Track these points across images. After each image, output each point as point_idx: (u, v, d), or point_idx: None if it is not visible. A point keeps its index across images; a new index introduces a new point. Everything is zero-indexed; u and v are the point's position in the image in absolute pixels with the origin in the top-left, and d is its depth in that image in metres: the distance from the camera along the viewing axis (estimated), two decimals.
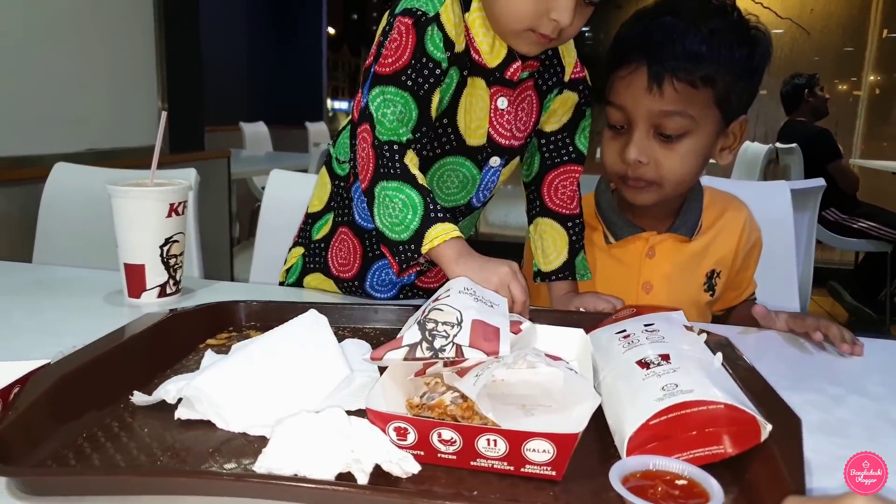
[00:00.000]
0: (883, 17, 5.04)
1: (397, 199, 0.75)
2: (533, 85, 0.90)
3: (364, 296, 0.99)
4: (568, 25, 0.77)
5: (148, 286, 0.89)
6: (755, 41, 0.88)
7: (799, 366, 0.78)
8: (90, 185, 1.36)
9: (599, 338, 0.68)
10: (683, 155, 0.88)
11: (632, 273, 0.98)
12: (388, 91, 0.77)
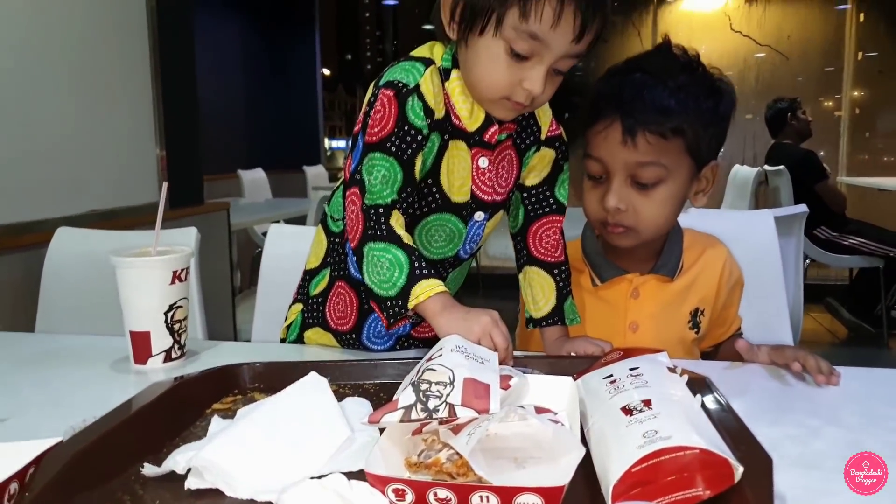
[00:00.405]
0: (857, 40, 5.17)
1: (384, 258, 0.81)
2: (512, 144, 0.96)
3: (361, 348, 1.03)
4: (540, 94, 0.84)
5: (154, 352, 0.92)
6: (720, 92, 0.94)
7: (780, 398, 0.81)
8: (93, 249, 1.40)
9: (589, 383, 0.72)
10: (659, 201, 0.94)
11: (618, 313, 1.03)
12: (375, 157, 0.84)
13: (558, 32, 0.80)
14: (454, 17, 0.86)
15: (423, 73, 0.85)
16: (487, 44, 0.83)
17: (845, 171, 5.19)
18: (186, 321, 0.96)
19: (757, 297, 1.44)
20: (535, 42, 0.80)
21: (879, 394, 0.81)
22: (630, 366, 0.72)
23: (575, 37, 0.81)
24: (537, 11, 0.78)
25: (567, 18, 0.79)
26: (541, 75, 0.82)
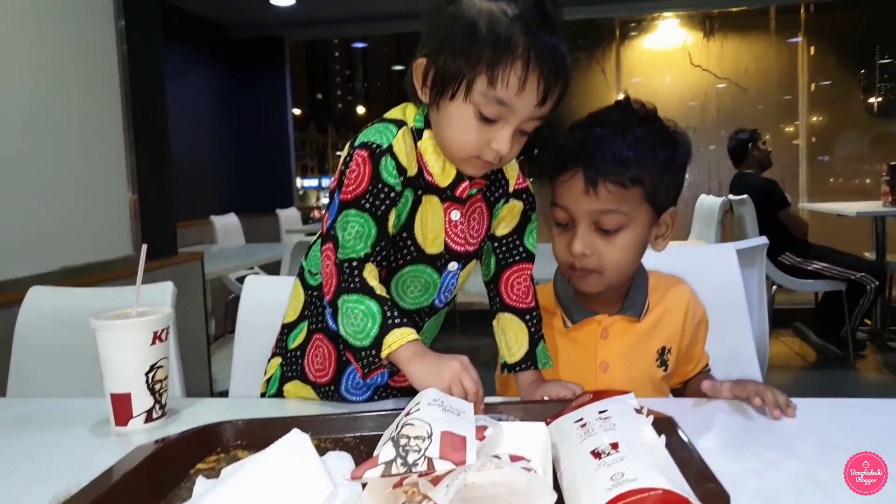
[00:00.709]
0: (810, 72, 5.39)
1: (357, 309, 0.85)
2: (482, 197, 1.02)
3: (340, 400, 1.05)
4: (507, 153, 0.89)
5: (134, 413, 0.93)
6: (676, 143, 1.01)
7: (741, 433, 0.85)
8: (67, 308, 1.40)
9: (561, 427, 0.75)
10: (622, 246, 0.99)
11: (589, 353, 1.07)
12: (349, 214, 0.88)
13: (523, 98, 0.86)
14: (426, 82, 0.91)
15: (396, 134, 0.90)
16: (458, 107, 0.88)
17: (806, 196, 5.35)
18: (167, 380, 0.97)
19: (723, 328, 1.49)
20: (502, 107, 0.86)
21: (834, 423, 0.85)
22: (599, 408, 0.75)
23: (539, 101, 0.87)
24: (504, 79, 0.84)
25: (531, 85, 0.85)
26: (508, 136, 0.88)
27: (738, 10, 5.37)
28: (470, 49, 0.85)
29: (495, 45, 0.84)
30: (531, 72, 0.84)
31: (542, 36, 0.85)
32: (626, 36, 5.60)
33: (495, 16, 0.85)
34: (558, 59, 0.86)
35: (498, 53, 0.84)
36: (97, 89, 2.20)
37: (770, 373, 3.76)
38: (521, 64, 0.84)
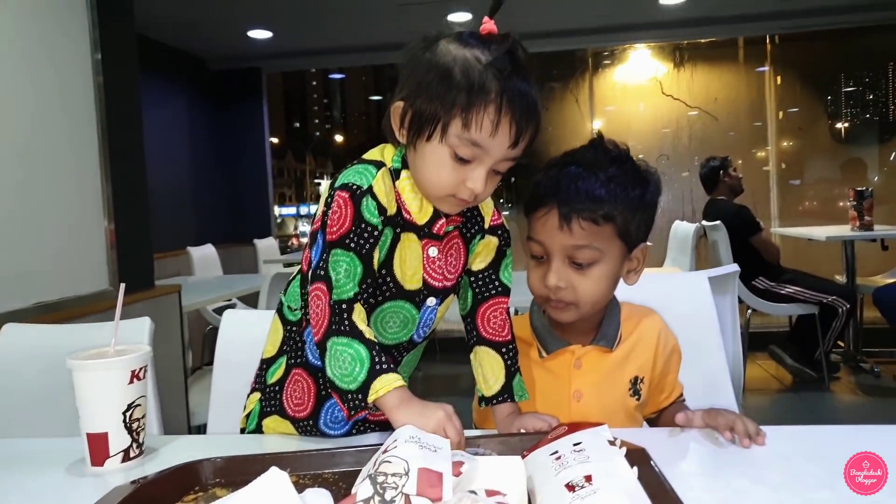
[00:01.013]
0: (777, 100, 5.54)
1: (346, 353, 0.86)
2: (458, 234, 1.05)
3: (318, 434, 1.05)
4: (482, 192, 0.93)
5: (111, 453, 0.92)
6: (646, 181, 1.05)
7: (713, 462, 0.87)
8: (43, 346, 1.38)
9: (537, 459, 0.77)
10: (595, 279, 1.03)
11: (563, 383, 1.09)
12: (337, 253, 0.91)
13: (496, 140, 0.89)
14: (403, 124, 0.95)
15: (376, 175, 0.94)
16: (434, 149, 0.92)
17: (778, 221, 5.46)
18: (145, 419, 0.97)
19: (697, 354, 1.52)
20: (476, 148, 0.90)
21: (802, 451, 0.88)
22: (574, 441, 0.77)
23: (511, 143, 0.90)
24: (478, 122, 0.88)
25: (504, 128, 0.89)
26: (482, 176, 0.92)
27: (706, 42, 5.52)
28: (445, 94, 0.89)
29: (469, 90, 0.88)
30: (504, 115, 0.88)
31: (514, 82, 0.89)
32: (598, 66, 5.72)
33: (469, 63, 0.89)
34: (529, 103, 0.90)
35: (472, 98, 0.87)
36: (73, 121, 2.20)
37: (747, 396, 3.83)
38: (493, 108, 0.88)
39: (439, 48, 0.92)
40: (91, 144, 2.26)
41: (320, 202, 0.98)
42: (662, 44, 5.54)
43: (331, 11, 4.48)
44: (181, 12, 4.34)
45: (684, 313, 1.55)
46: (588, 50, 5.63)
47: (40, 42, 2.07)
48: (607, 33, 5.28)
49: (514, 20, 3.04)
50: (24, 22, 2.01)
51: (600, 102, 5.70)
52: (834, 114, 5.59)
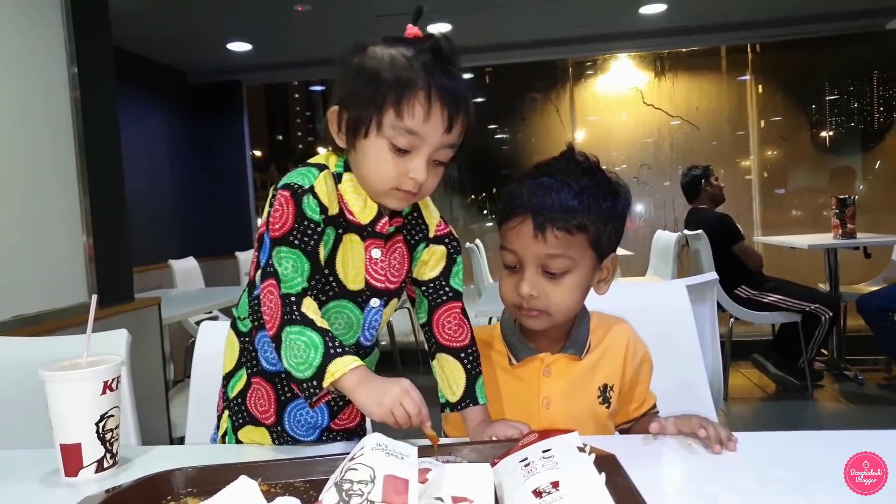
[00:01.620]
0: (759, 109, 5.60)
1: (300, 341, 0.88)
2: (402, 239, 1.08)
3: (290, 439, 1.07)
4: (425, 181, 0.97)
5: (85, 463, 0.92)
6: (617, 193, 1.07)
7: (683, 468, 0.88)
8: (22, 359, 1.38)
9: (506, 467, 0.78)
10: (567, 288, 1.04)
11: (532, 390, 1.10)
12: (282, 250, 0.93)
13: (430, 126, 0.94)
14: (341, 127, 0.99)
15: (318, 176, 0.97)
16: (372, 144, 0.96)
17: (760, 230, 5.51)
18: (118, 429, 0.97)
19: (675, 362, 1.53)
20: (412, 136, 0.94)
21: (772, 456, 0.89)
22: (543, 448, 0.78)
23: (445, 128, 0.95)
24: (410, 110, 0.93)
25: (435, 113, 0.93)
26: (422, 165, 0.96)
27: (687, 51, 5.58)
28: (377, 90, 0.94)
29: (398, 82, 0.93)
30: (433, 101, 0.93)
31: (440, 71, 0.94)
32: (579, 76, 5.76)
33: (396, 59, 0.95)
34: (457, 90, 0.95)
35: (402, 89, 0.93)
36: (50, 136, 2.20)
37: (730, 404, 3.86)
38: (423, 94, 0.93)
39: (368, 52, 0.98)
40: (69, 158, 2.26)
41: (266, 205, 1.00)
42: (643, 53, 5.60)
43: (309, 23, 4.50)
44: (160, 25, 4.34)
45: (663, 321, 1.57)
46: (569, 60, 5.67)
47: (17, 57, 2.07)
48: (588, 43, 5.33)
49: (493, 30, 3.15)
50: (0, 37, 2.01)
51: (581, 112, 5.74)
52: (817, 122, 5.64)
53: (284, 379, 1.05)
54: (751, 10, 4.80)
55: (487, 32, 5.03)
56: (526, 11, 4.52)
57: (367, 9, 4.33)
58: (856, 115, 5.61)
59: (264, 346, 1.04)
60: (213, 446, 1.10)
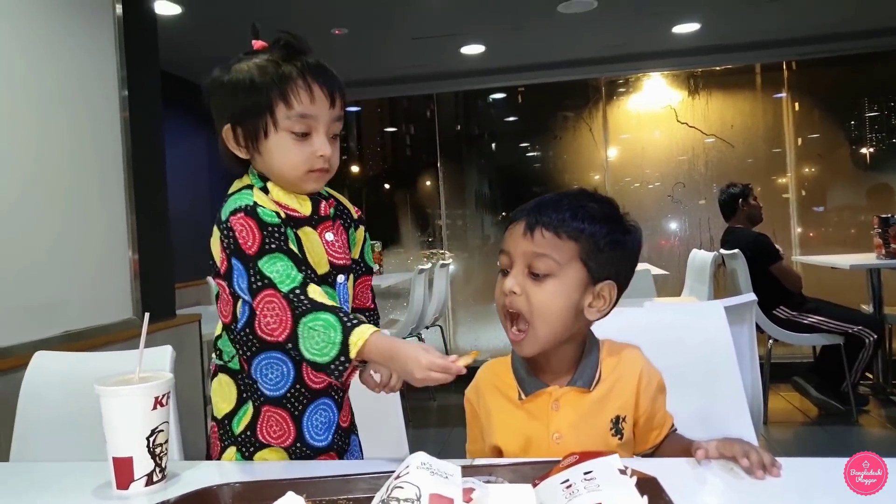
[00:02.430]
0: (795, 126, 5.53)
1: (317, 325, 0.94)
2: (341, 223, 1.19)
3: (307, 451, 1.11)
4: (331, 155, 1.08)
5: (136, 477, 0.95)
6: (617, 222, 1.08)
7: (725, 493, 0.87)
8: (71, 373, 1.43)
9: (547, 488, 0.78)
10: (549, 292, 1.04)
11: (542, 425, 1.09)
12: (264, 260, 0.99)
13: (317, 105, 1.06)
14: (239, 142, 1.10)
15: (252, 194, 1.06)
16: (274, 140, 1.06)
17: (798, 250, 5.41)
18: (167, 444, 1.00)
19: (714, 385, 1.52)
20: (307, 119, 1.06)
21: (817, 483, 0.88)
22: (585, 469, 0.78)
23: (330, 102, 1.07)
24: (296, 97, 1.05)
25: (318, 92, 1.06)
26: (324, 141, 1.08)
27: (721, 69, 5.54)
28: (260, 94, 1.05)
29: (276, 80, 1.05)
30: (312, 83, 1.05)
31: (302, 59, 1.06)
32: (612, 95, 5.75)
33: (262, 65, 1.07)
34: (325, 68, 1.08)
35: (281, 84, 1.04)
36: (100, 155, 2.28)
37: (770, 428, 3.77)
38: (301, 81, 1.05)
39: (233, 69, 1.09)
40: (117, 177, 2.33)
41: (216, 249, 1.08)
42: (676, 72, 5.58)
43: (346, 46, 4.58)
44: (203, 51, 4.46)
45: (700, 343, 1.55)
46: (601, 79, 5.67)
47: (72, 80, 2.16)
48: (621, 62, 5.34)
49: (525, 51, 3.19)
50: (56, 62, 2.10)
51: (615, 131, 5.73)
52: (856, 139, 5.53)
53: (291, 397, 1.10)
54: (785, 28, 4.76)
55: (519, 53, 5.07)
56: (558, 32, 4.55)
57: (402, 32, 4.41)
58: None
59: (261, 372, 1.10)
60: (257, 463, 1.12)
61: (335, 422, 1.14)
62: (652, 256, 5.53)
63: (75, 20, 2.19)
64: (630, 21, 4.44)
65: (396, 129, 6.59)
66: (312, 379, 1.11)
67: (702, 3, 4.25)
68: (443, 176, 5.94)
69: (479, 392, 1.17)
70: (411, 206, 6.17)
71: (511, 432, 1.09)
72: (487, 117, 6.27)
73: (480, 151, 6.17)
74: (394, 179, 6.35)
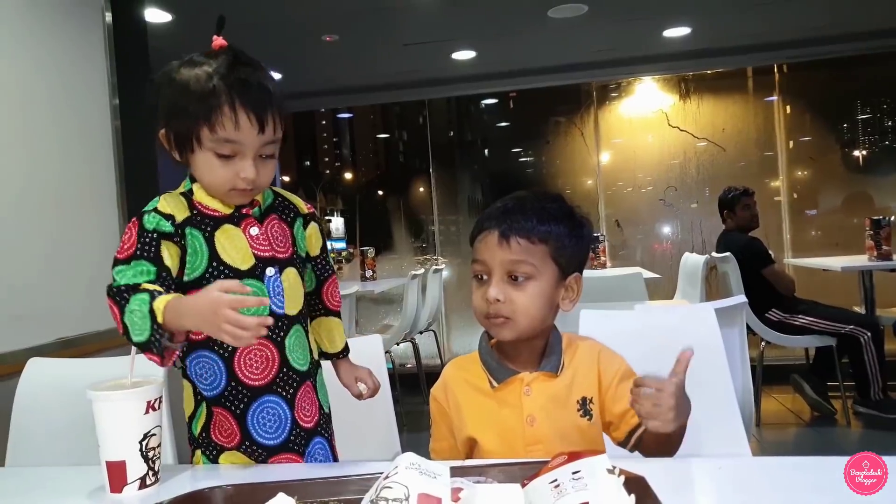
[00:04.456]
0: (787, 130, 5.56)
1: (133, 307, 0.96)
2: (277, 217, 1.17)
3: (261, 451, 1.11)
4: (257, 177, 1.07)
5: (129, 480, 0.96)
6: (579, 220, 1.18)
7: (712, 492, 0.89)
8: (65, 379, 1.43)
9: (536, 488, 0.79)
10: (531, 295, 1.12)
11: (515, 410, 1.15)
12: (123, 268, 1.02)
13: (243, 132, 1.04)
14: (171, 145, 1.10)
15: (159, 199, 1.10)
16: (199, 156, 1.07)
17: (790, 252, 5.44)
18: (160, 447, 1.01)
19: (704, 387, 1.52)
20: (231, 144, 1.04)
21: (805, 480, 0.88)
22: (573, 469, 0.79)
23: (258, 130, 1.04)
24: (220, 123, 1.03)
25: (243, 120, 1.03)
26: (248, 165, 1.06)
27: (712, 73, 5.58)
28: (187, 108, 1.04)
29: (202, 100, 1.03)
30: (238, 111, 1.03)
31: (238, 81, 1.03)
32: (603, 100, 5.77)
33: (198, 77, 1.05)
34: (260, 92, 1.05)
35: (207, 105, 1.03)
36: (91, 163, 2.29)
37: (763, 430, 3.78)
38: (227, 107, 1.02)
39: (177, 74, 1.07)
40: (110, 185, 2.34)
41: None
42: (668, 76, 5.60)
43: (337, 53, 4.60)
44: None
45: (691, 345, 1.57)
46: (593, 84, 5.70)
47: (62, 88, 2.16)
48: (611, 67, 5.36)
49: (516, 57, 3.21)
50: (46, 70, 2.10)
51: (606, 135, 5.75)
52: (849, 142, 5.57)
53: (229, 395, 1.10)
54: (776, 31, 4.79)
55: (511, 58, 5.09)
56: (549, 37, 4.57)
57: (393, 38, 4.42)
58: (890, 133, 5.53)
59: (195, 371, 1.12)
60: (249, 467, 1.13)
61: (288, 419, 1.13)
62: (644, 260, 5.56)
63: (65, 28, 2.20)
64: (621, 25, 4.47)
65: (389, 135, 6.61)
66: (247, 375, 1.10)
67: (692, 7, 4.28)
68: (435, 182, 5.96)
69: (446, 388, 1.22)
70: (404, 212, 6.18)
71: (484, 421, 1.15)
72: (479, 123, 6.29)
73: (473, 157, 6.19)
74: (387, 186, 6.37)
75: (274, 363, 1.11)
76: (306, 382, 1.16)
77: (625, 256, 5.68)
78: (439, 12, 4.06)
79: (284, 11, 3.68)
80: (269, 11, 3.59)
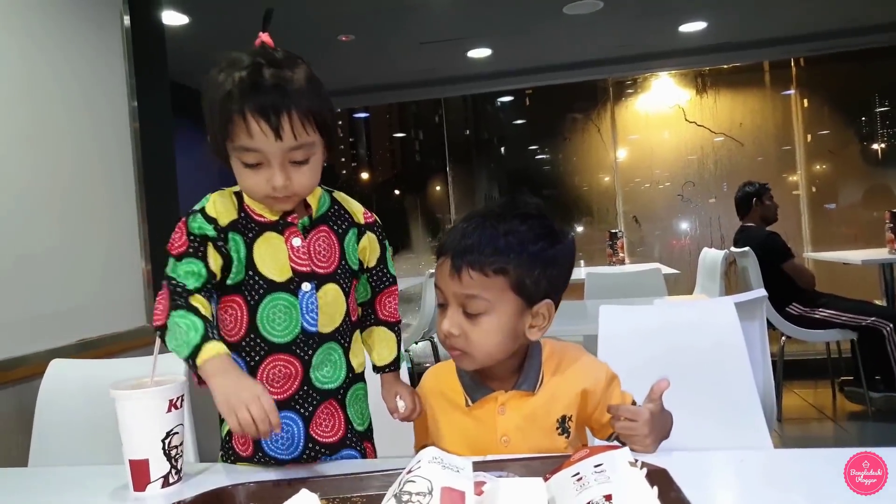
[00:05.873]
0: (805, 123, 5.50)
1: (183, 324, 0.96)
2: (328, 228, 1.13)
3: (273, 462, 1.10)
4: (287, 184, 1.02)
5: (152, 479, 0.97)
6: (555, 239, 1.05)
7: (735, 484, 0.88)
8: (88, 380, 1.45)
9: (558, 482, 0.79)
10: (486, 330, 1.03)
11: (489, 429, 1.09)
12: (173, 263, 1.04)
13: (259, 141, 0.99)
14: (213, 150, 1.07)
15: (209, 199, 1.08)
16: (233, 164, 1.05)
17: (810, 246, 5.38)
18: (182, 446, 1.01)
19: (725, 382, 1.52)
20: (252, 153, 1.00)
21: (827, 472, 0.87)
22: (595, 462, 0.79)
23: (275, 138, 0.98)
24: (236, 133, 0.99)
25: (256, 130, 0.98)
26: (276, 173, 1.01)
27: (729, 67, 5.53)
28: (210, 118, 1.03)
29: (219, 110, 1.00)
30: (249, 120, 0.97)
31: (252, 88, 0.97)
32: (619, 96, 5.75)
33: (219, 84, 1.00)
34: (277, 95, 0.97)
35: (223, 115, 0.99)
36: (111, 166, 2.31)
37: (784, 425, 3.74)
38: (237, 115, 0.98)
39: (209, 76, 1.04)
40: (128, 187, 2.36)
41: None
42: (684, 71, 5.56)
43: (353, 53, 4.61)
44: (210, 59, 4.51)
45: (711, 340, 1.56)
46: (609, 80, 5.67)
47: (81, 91, 2.19)
48: (628, 63, 5.33)
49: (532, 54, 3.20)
50: (64, 74, 2.12)
51: (623, 131, 5.72)
52: (868, 135, 5.49)
53: None
54: (793, 24, 4.74)
55: (526, 56, 5.08)
56: (564, 33, 4.55)
57: (409, 37, 4.42)
58: None
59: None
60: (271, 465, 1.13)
61: (301, 436, 1.10)
62: (663, 256, 5.52)
63: (83, 32, 2.22)
64: (637, 21, 4.44)
65: (405, 134, 6.62)
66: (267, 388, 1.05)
67: (708, 2, 4.24)
68: (452, 180, 5.96)
69: (424, 397, 1.17)
70: (421, 210, 6.19)
71: (459, 437, 1.10)
72: (496, 121, 6.28)
73: (489, 155, 6.18)
74: (404, 185, 6.38)
75: (296, 380, 1.09)
76: (329, 400, 1.12)
77: (643, 252, 5.64)
78: (455, 10, 4.06)
79: (300, 11, 3.69)
80: (286, 12, 3.60)
